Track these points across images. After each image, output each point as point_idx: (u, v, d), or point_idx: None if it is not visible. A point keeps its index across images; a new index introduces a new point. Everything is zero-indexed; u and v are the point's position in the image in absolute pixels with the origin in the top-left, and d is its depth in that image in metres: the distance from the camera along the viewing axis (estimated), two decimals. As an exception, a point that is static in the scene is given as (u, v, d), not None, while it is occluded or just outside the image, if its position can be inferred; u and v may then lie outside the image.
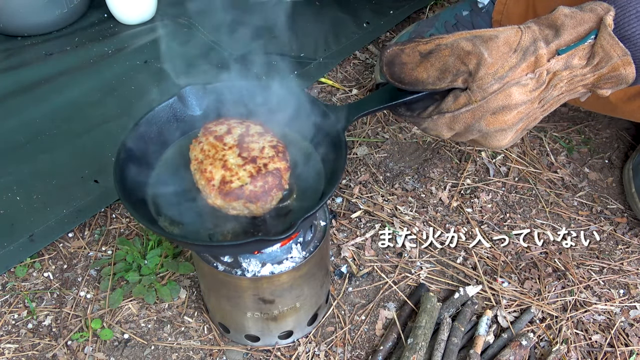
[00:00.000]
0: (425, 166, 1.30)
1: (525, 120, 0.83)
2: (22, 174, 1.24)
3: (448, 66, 0.81)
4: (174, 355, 1.04)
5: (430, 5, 1.64)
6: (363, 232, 1.19)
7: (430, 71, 0.82)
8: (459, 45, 0.80)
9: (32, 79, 1.42)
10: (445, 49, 0.81)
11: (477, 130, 0.83)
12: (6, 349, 1.05)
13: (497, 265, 1.14)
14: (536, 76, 0.79)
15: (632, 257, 1.16)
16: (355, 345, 1.05)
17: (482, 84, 0.79)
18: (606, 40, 0.77)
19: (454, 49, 0.80)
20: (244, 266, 0.91)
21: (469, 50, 0.79)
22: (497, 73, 0.78)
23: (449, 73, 0.81)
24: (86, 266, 1.15)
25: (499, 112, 0.80)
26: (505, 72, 0.78)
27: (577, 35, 0.79)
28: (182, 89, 0.94)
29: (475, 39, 0.80)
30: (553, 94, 0.82)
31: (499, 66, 0.78)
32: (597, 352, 1.04)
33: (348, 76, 1.48)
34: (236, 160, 0.84)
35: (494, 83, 0.79)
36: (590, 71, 0.80)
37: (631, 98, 1.06)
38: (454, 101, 0.82)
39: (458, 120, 0.83)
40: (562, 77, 0.80)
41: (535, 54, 0.79)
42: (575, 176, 1.29)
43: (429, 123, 0.86)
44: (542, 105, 0.82)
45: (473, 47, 0.79)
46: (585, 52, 0.79)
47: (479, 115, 0.81)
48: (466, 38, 0.80)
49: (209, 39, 1.51)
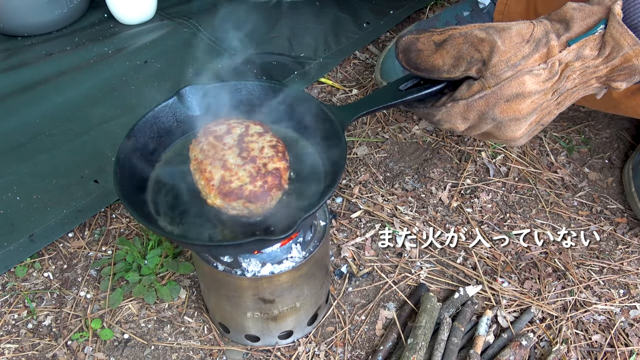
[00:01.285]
0: (425, 166, 1.30)
1: (539, 113, 0.83)
2: (22, 174, 1.24)
3: (462, 53, 0.82)
4: (174, 355, 1.04)
5: (430, 5, 1.64)
6: (363, 232, 1.19)
7: (446, 58, 0.83)
8: (473, 33, 0.81)
9: (32, 79, 1.42)
10: (459, 37, 0.82)
11: (492, 118, 0.83)
12: (6, 349, 1.05)
13: (497, 265, 1.14)
14: (548, 66, 0.80)
15: (632, 257, 1.16)
16: (355, 345, 1.05)
17: (496, 70, 0.80)
18: (615, 28, 0.78)
19: (467, 37, 0.81)
20: (244, 266, 0.91)
21: (482, 38, 0.80)
22: (510, 60, 0.79)
23: (464, 60, 0.82)
24: (86, 266, 1.15)
25: (512, 99, 0.81)
26: (518, 60, 0.79)
27: (586, 27, 0.80)
28: (182, 88, 0.94)
29: (489, 28, 0.81)
30: (566, 86, 0.82)
31: (512, 54, 0.79)
32: (597, 352, 1.04)
33: (348, 76, 1.48)
34: (236, 160, 0.84)
35: (507, 70, 0.79)
36: (603, 62, 0.80)
37: (634, 93, 1.06)
38: (467, 89, 0.83)
39: (472, 108, 0.83)
40: (575, 68, 0.81)
41: (547, 45, 0.80)
42: (575, 176, 1.29)
43: (442, 114, 0.86)
44: (556, 98, 0.83)
45: (487, 35, 0.80)
46: (596, 43, 0.80)
47: (492, 102, 0.82)
48: (480, 28, 0.82)
49: (209, 38, 1.51)
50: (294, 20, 1.58)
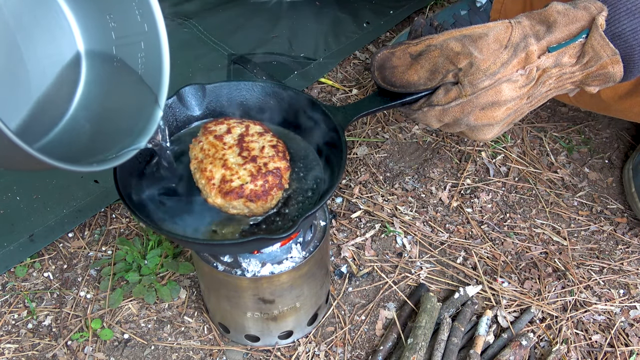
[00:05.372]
0: (425, 166, 1.30)
1: (512, 115, 0.84)
2: (22, 174, 1.24)
3: (438, 67, 0.81)
4: (174, 355, 1.04)
5: (430, 5, 1.64)
6: (363, 232, 1.19)
7: (421, 73, 0.83)
8: (448, 46, 0.80)
9: (32, 79, 1.41)
10: (435, 50, 0.81)
11: (465, 124, 0.84)
12: (6, 349, 1.05)
13: (497, 265, 1.14)
14: (526, 73, 0.80)
15: (632, 257, 1.16)
16: (355, 345, 1.05)
17: (474, 79, 0.79)
18: (597, 41, 0.78)
19: (443, 50, 0.81)
20: (243, 266, 0.91)
21: (458, 51, 0.80)
22: (489, 69, 0.79)
23: (439, 74, 0.82)
24: (86, 266, 1.15)
25: (488, 107, 0.81)
26: (497, 68, 0.79)
27: (568, 34, 0.79)
28: (181, 88, 0.94)
29: (464, 38, 0.80)
30: (542, 91, 0.82)
31: (491, 62, 0.79)
32: (597, 352, 1.04)
33: (348, 76, 1.48)
34: (236, 159, 0.84)
35: (485, 79, 0.79)
36: (580, 69, 0.81)
37: (623, 97, 1.06)
38: (444, 94, 0.83)
39: (447, 113, 0.83)
40: (552, 74, 0.81)
41: (526, 50, 0.79)
42: (575, 176, 1.29)
43: (418, 114, 0.87)
44: (530, 101, 0.83)
45: (462, 48, 0.79)
46: (576, 51, 0.79)
47: (468, 110, 0.82)
48: (455, 38, 0.81)
49: (208, 38, 1.51)
50: (294, 20, 1.58)
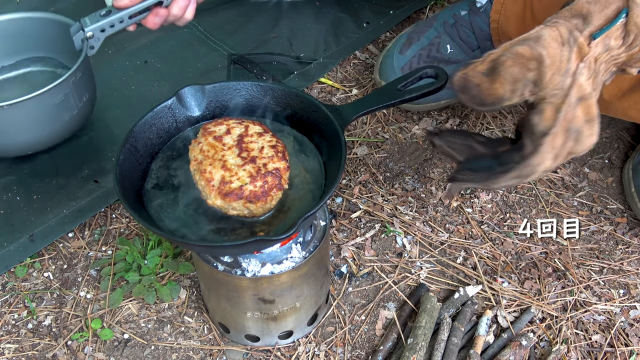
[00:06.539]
0: (425, 166, 1.30)
1: None
2: (22, 174, 1.24)
3: (516, 76, 0.78)
4: (174, 355, 1.04)
5: (430, 5, 1.64)
6: (363, 232, 1.19)
7: (505, 85, 0.79)
8: (518, 51, 0.78)
9: (32, 79, 1.41)
10: (507, 59, 0.78)
11: (574, 130, 0.80)
12: (6, 349, 1.05)
13: (497, 265, 1.14)
14: (587, 64, 0.78)
15: (632, 257, 1.16)
16: (355, 345, 1.05)
17: (556, 84, 0.77)
18: (638, 16, 0.77)
19: (515, 58, 0.78)
20: (243, 266, 0.91)
21: (528, 56, 0.77)
22: (561, 69, 0.77)
23: (520, 82, 0.78)
24: (86, 266, 1.15)
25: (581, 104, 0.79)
26: (566, 65, 0.77)
27: (606, 19, 0.78)
28: (181, 89, 0.94)
29: (527, 42, 0.78)
30: (601, 80, 0.81)
31: (559, 61, 0.77)
32: (597, 352, 1.04)
33: (348, 76, 1.48)
34: (236, 160, 0.84)
35: (564, 79, 0.77)
36: (625, 50, 0.79)
37: (625, 94, 1.06)
38: (541, 118, 0.79)
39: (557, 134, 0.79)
40: (603, 60, 0.79)
41: (577, 43, 0.78)
42: (575, 176, 1.29)
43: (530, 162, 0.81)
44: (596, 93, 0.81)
45: (531, 50, 0.77)
46: (620, 32, 0.78)
47: (570, 115, 0.79)
48: (519, 44, 0.78)
49: (208, 38, 1.51)
50: (294, 20, 1.58)
